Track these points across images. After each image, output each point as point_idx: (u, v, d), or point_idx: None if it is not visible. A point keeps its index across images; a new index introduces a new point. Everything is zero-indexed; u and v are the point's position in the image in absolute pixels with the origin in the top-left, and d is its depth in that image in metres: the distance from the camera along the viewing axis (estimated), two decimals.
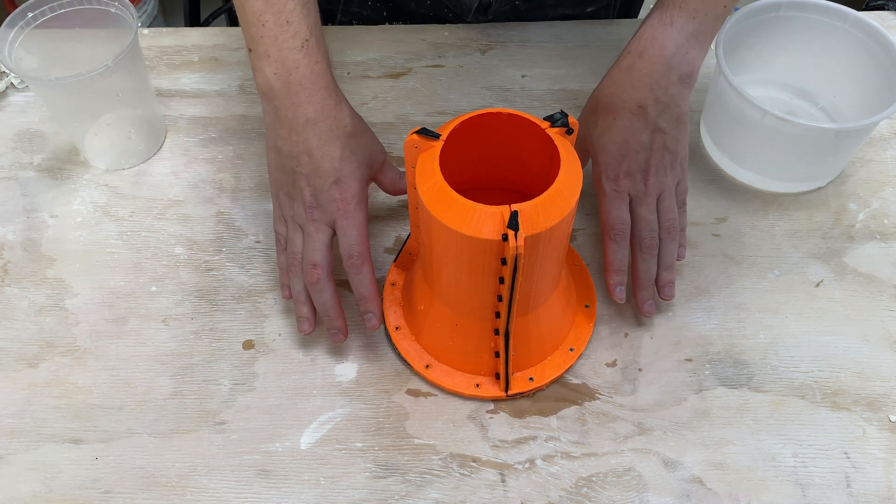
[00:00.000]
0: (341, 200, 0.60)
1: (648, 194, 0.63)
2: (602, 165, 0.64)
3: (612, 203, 0.63)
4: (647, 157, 0.63)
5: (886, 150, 0.77)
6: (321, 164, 0.60)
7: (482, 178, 0.61)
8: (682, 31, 0.62)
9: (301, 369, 0.63)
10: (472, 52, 0.85)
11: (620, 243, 0.63)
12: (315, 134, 0.60)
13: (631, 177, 0.63)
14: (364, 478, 0.58)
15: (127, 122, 0.76)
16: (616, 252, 0.63)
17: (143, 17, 1.77)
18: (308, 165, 0.60)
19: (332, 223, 0.61)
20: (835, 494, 0.58)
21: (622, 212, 0.63)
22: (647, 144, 0.63)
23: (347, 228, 0.60)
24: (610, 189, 0.63)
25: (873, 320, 0.66)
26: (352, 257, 0.60)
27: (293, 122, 0.60)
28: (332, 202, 0.60)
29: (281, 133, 0.61)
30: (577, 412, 0.61)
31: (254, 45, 0.60)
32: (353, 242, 0.60)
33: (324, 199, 0.60)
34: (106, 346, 0.65)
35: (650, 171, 0.63)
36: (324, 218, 0.60)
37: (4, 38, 0.67)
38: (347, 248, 0.60)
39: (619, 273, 0.64)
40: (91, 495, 0.58)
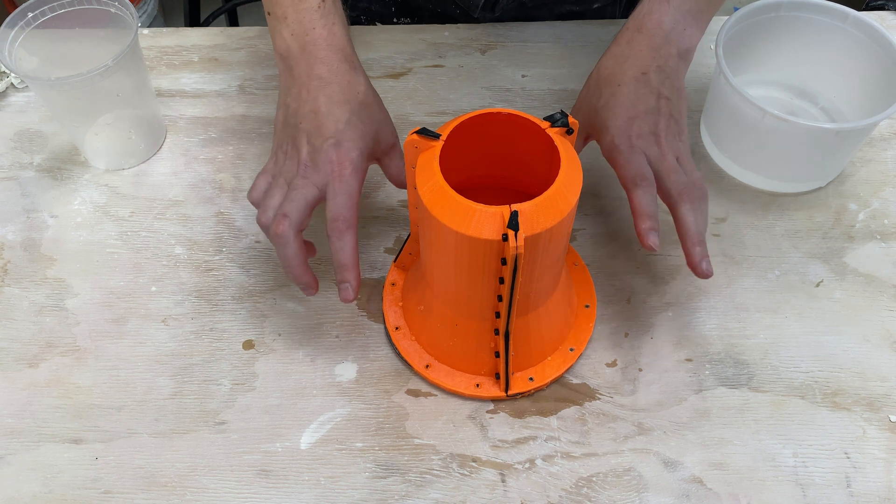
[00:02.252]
0: (337, 163, 0.57)
1: (665, 155, 0.60)
2: (614, 130, 0.61)
3: (630, 157, 0.59)
4: (656, 120, 0.61)
5: (886, 150, 0.77)
6: (325, 123, 0.58)
7: (482, 178, 0.61)
8: (679, 8, 0.63)
9: (301, 369, 0.63)
10: (472, 52, 0.85)
11: (647, 189, 0.58)
12: (325, 94, 0.59)
13: (643, 138, 0.60)
14: (364, 478, 0.58)
15: (127, 122, 0.76)
16: (643, 197, 0.58)
17: (143, 17, 1.77)
18: (312, 122, 0.58)
19: (324, 186, 0.57)
20: (835, 494, 0.58)
21: (642, 164, 0.59)
22: (655, 108, 0.61)
23: (338, 192, 0.57)
24: (626, 146, 0.60)
25: (873, 320, 0.66)
26: (337, 220, 0.56)
27: (306, 80, 0.59)
28: (328, 163, 0.57)
29: (292, 91, 0.60)
30: (577, 412, 0.61)
31: (272, 9, 0.60)
32: (341, 206, 0.56)
33: (320, 160, 0.57)
34: (106, 346, 0.65)
35: (661, 134, 0.60)
36: (315, 178, 0.57)
37: (4, 38, 0.67)
38: (334, 210, 0.56)
39: (650, 218, 0.58)
40: (91, 495, 0.58)
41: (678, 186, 0.59)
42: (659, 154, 0.60)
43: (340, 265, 0.57)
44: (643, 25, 0.63)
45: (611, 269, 0.69)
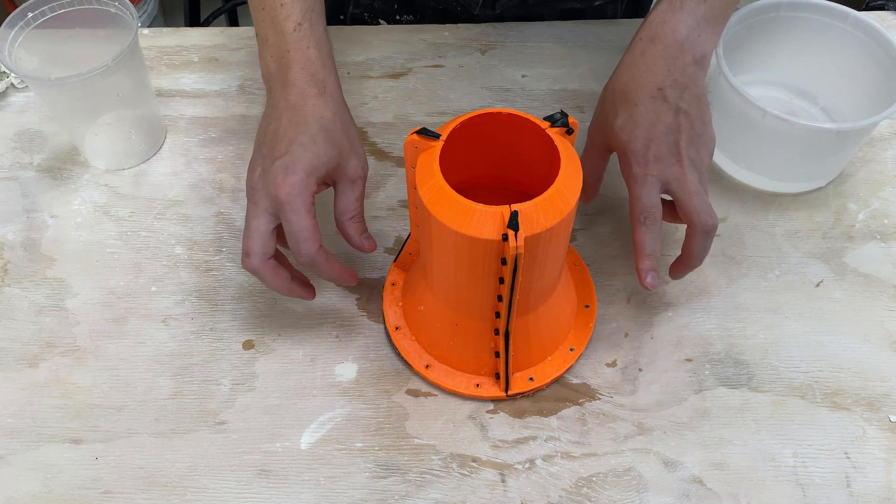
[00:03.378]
0: (283, 185, 0.56)
1: (686, 175, 0.58)
2: (630, 154, 0.60)
3: (641, 188, 0.59)
4: (676, 139, 0.59)
5: (886, 150, 0.77)
6: (278, 144, 0.58)
7: (482, 178, 0.61)
8: (693, 14, 0.61)
9: (301, 369, 0.63)
10: (472, 52, 0.85)
11: (651, 227, 0.58)
12: (287, 116, 0.59)
13: (661, 161, 0.59)
14: (364, 478, 0.58)
15: (127, 122, 0.76)
16: (646, 235, 0.58)
17: (143, 17, 1.77)
18: (268, 144, 0.59)
19: (275, 211, 0.57)
20: (835, 494, 0.58)
21: (652, 196, 0.58)
22: (674, 125, 0.60)
23: (291, 221, 0.56)
24: (640, 174, 0.59)
25: (873, 320, 0.66)
26: (300, 255, 0.57)
27: (275, 103, 0.60)
28: (274, 186, 0.56)
29: (265, 112, 0.61)
30: (577, 412, 0.61)
31: (257, 30, 0.62)
32: (298, 239, 0.56)
33: (268, 182, 0.57)
34: (106, 346, 0.65)
35: (682, 153, 0.59)
36: (264, 203, 0.57)
37: (4, 38, 0.67)
38: (294, 246, 0.57)
39: (650, 258, 0.58)
40: (91, 495, 0.58)
41: (702, 218, 0.58)
42: (680, 174, 0.59)
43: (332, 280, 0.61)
44: (656, 35, 0.62)
45: (611, 269, 0.69)
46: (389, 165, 0.76)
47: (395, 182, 0.75)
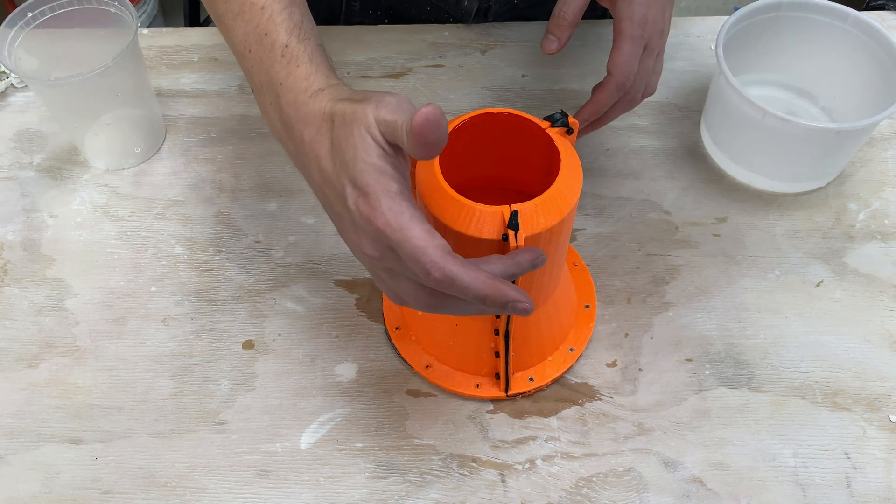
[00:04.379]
0: (373, 215, 0.44)
1: (660, 48, 0.62)
2: (634, 4, 0.61)
3: (633, 49, 0.60)
4: (664, 8, 0.62)
5: (886, 150, 0.77)
6: (330, 186, 0.47)
7: (482, 178, 0.61)
8: None
9: (301, 369, 0.63)
10: (472, 52, 0.85)
11: (616, 96, 0.62)
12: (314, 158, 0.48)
13: (653, 24, 0.61)
14: (364, 478, 0.58)
15: (127, 122, 0.76)
16: (606, 102, 0.62)
17: (143, 17, 1.77)
18: (321, 193, 0.49)
19: (386, 244, 0.45)
20: (835, 494, 0.58)
21: (635, 62, 0.61)
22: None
23: (402, 244, 0.43)
24: (637, 33, 0.60)
25: (873, 320, 0.66)
26: (428, 275, 0.43)
27: (300, 151, 0.49)
28: (364, 221, 0.45)
29: (302, 171, 0.51)
30: (578, 412, 0.61)
31: (250, 81, 0.52)
32: (418, 257, 0.43)
33: (357, 224, 0.46)
34: (106, 346, 0.65)
35: (667, 25, 0.62)
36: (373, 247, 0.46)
37: (4, 38, 0.67)
38: (419, 268, 0.43)
39: (589, 120, 0.64)
40: (91, 495, 0.58)
41: (636, 92, 0.63)
42: (657, 46, 0.63)
43: (483, 299, 0.44)
44: None
45: (611, 269, 0.69)
46: None
47: None
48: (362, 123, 0.44)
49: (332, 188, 0.47)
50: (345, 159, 0.45)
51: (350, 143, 0.45)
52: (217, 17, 0.54)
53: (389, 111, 0.44)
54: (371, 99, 0.45)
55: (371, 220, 0.44)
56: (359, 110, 0.45)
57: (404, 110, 0.44)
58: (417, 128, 0.41)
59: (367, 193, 0.44)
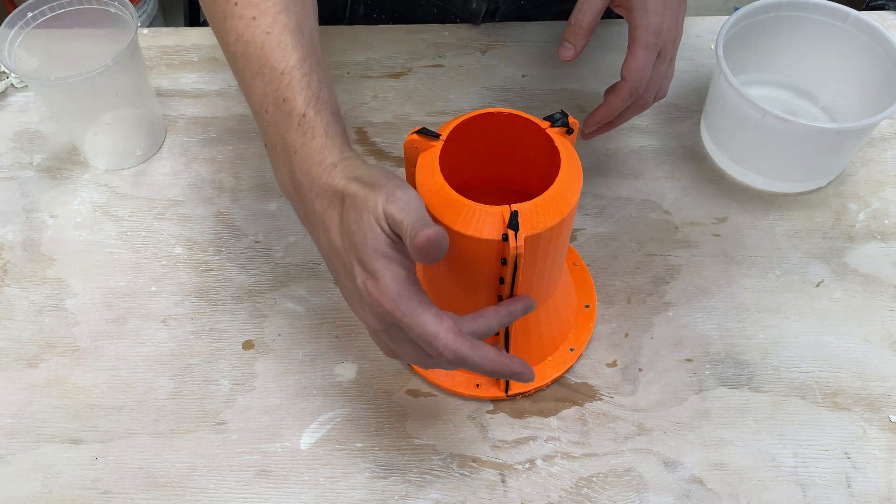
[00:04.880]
0: (380, 296, 0.47)
1: (673, 55, 0.64)
2: (649, 13, 0.62)
3: (647, 56, 0.62)
4: (678, 16, 0.63)
5: (887, 150, 0.77)
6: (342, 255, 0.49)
7: (482, 178, 0.61)
8: None
9: (301, 369, 0.63)
10: (472, 52, 0.85)
11: (629, 101, 0.64)
12: (322, 227, 0.50)
13: (667, 32, 0.63)
14: (364, 478, 0.58)
15: (127, 122, 0.76)
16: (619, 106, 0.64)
17: (143, 17, 1.77)
18: (332, 265, 0.51)
19: (392, 323, 0.48)
20: (835, 494, 0.58)
21: (649, 68, 0.63)
22: (680, 2, 0.63)
23: (411, 328, 0.46)
24: (651, 41, 0.62)
25: (873, 320, 0.66)
26: (441, 356, 0.46)
27: (310, 217, 0.51)
28: (371, 302, 0.47)
29: (310, 232, 0.52)
30: (578, 412, 0.61)
31: (265, 139, 0.53)
32: (430, 343, 0.46)
33: (364, 299, 0.48)
34: (106, 346, 0.65)
35: (680, 32, 0.64)
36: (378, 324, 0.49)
37: (4, 37, 0.67)
38: (432, 350, 0.47)
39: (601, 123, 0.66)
40: (91, 495, 0.58)
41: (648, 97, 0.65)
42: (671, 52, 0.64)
43: (491, 374, 0.49)
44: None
45: (611, 269, 0.69)
46: (389, 165, 0.76)
47: None
48: (372, 212, 0.46)
49: (341, 262, 0.49)
50: (354, 241, 0.47)
51: (360, 228, 0.46)
52: (236, 72, 0.54)
53: (398, 208, 0.45)
54: (382, 188, 0.46)
55: (380, 303, 0.46)
56: (370, 199, 0.46)
57: (413, 210, 0.45)
58: (420, 246, 0.44)
59: (377, 278, 0.46)
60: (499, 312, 0.51)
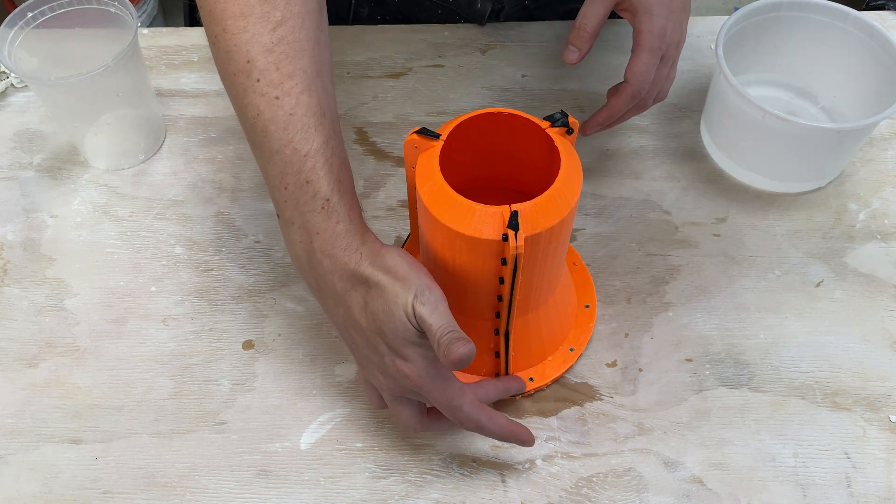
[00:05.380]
0: (408, 372, 0.51)
1: (675, 58, 0.66)
2: (654, 17, 0.64)
3: (650, 59, 0.64)
4: (681, 20, 0.65)
5: (887, 150, 0.77)
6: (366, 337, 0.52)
7: (482, 178, 0.61)
8: None
9: (301, 369, 0.63)
10: (472, 52, 0.85)
11: (631, 103, 0.65)
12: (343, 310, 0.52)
13: (671, 36, 0.64)
14: (364, 478, 0.58)
15: (127, 122, 0.76)
16: (621, 108, 0.65)
17: (143, 17, 1.77)
18: (360, 341, 0.53)
19: (418, 396, 0.53)
20: (835, 494, 0.58)
21: (651, 72, 0.64)
22: (684, 6, 0.65)
23: (438, 400, 0.52)
24: (655, 45, 0.64)
25: (873, 320, 0.66)
26: (462, 424, 0.53)
27: (327, 294, 0.53)
28: (399, 376, 0.52)
29: (322, 303, 0.54)
30: (578, 412, 0.61)
31: (280, 212, 0.53)
32: (453, 413, 0.52)
33: (390, 377, 0.52)
34: (106, 346, 0.65)
35: (683, 36, 0.65)
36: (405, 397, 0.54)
37: (4, 37, 0.67)
38: (452, 417, 0.53)
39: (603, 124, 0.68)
40: (91, 495, 0.58)
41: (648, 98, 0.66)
42: (674, 56, 0.66)
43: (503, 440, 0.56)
44: None
45: (611, 269, 0.69)
46: (389, 165, 0.76)
47: (395, 182, 0.74)
48: (402, 307, 0.49)
49: (364, 339, 0.52)
50: (382, 329, 0.50)
51: (390, 319, 0.49)
52: (252, 144, 0.53)
53: (427, 311, 0.48)
54: (411, 286, 0.49)
55: (409, 378, 0.51)
56: (401, 295, 0.49)
57: (440, 314, 0.49)
58: (453, 361, 0.47)
59: (407, 359, 0.50)
60: (497, 386, 0.59)
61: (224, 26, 0.51)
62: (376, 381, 0.54)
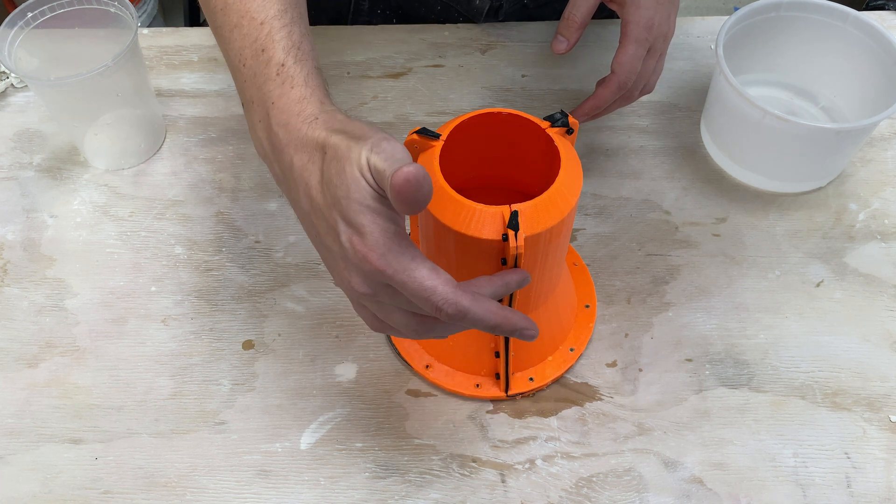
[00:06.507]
0: (368, 253, 0.43)
1: (663, 51, 0.66)
2: (641, 9, 0.64)
3: (637, 51, 0.64)
4: (669, 13, 0.65)
5: (887, 150, 0.77)
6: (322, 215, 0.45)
7: (482, 178, 0.61)
8: None
9: (301, 369, 0.63)
10: (472, 52, 0.85)
11: (618, 94, 0.65)
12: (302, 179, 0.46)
13: (658, 28, 0.65)
14: (364, 478, 0.58)
15: (127, 122, 0.76)
16: (608, 98, 0.65)
17: (143, 17, 1.77)
18: (310, 224, 0.47)
19: (383, 283, 0.45)
20: (835, 494, 0.58)
21: (638, 63, 0.64)
22: (672, 1, 0.65)
23: (406, 283, 0.43)
24: (643, 36, 0.64)
25: (873, 320, 0.66)
26: (440, 311, 0.43)
27: (288, 175, 0.47)
28: (359, 260, 0.44)
29: (287, 194, 0.49)
30: (578, 412, 0.61)
31: (241, 96, 0.50)
32: (426, 298, 0.43)
33: (349, 260, 0.45)
34: (106, 346, 0.65)
35: (672, 29, 0.66)
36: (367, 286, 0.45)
37: (4, 38, 0.67)
38: (427, 305, 0.43)
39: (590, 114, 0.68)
40: (91, 495, 0.58)
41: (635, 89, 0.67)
42: (661, 48, 0.66)
43: (494, 328, 0.45)
44: None
45: (611, 269, 0.69)
46: None
47: None
48: (355, 163, 0.43)
49: (323, 221, 0.45)
50: (336, 195, 0.43)
51: (343, 181, 0.43)
52: (215, 29, 0.53)
53: (382, 158, 0.42)
54: (367, 139, 0.43)
55: (368, 259, 0.43)
56: (354, 149, 0.43)
57: (397, 160, 0.41)
58: (397, 187, 0.40)
59: (363, 233, 0.43)
60: (494, 281, 0.47)
61: None
62: (342, 281, 0.46)
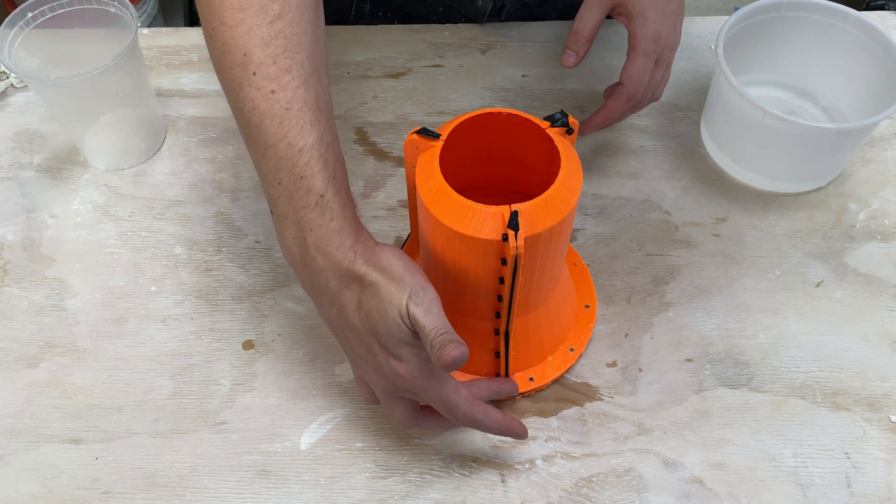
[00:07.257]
0: (402, 371, 0.51)
1: (670, 61, 0.68)
2: (648, 21, 0.65)
3: (645, 63, 0.66)
4: (675, 24, 0.67)
5: (887, 150, 0.77)
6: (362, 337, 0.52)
7: (482, 178, 0.61)
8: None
9: (301, 369, 0.63)
10: (472, 52, 0.85)
11: (627, 105, 0.67)
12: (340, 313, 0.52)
13: (665, 39, 0.66)
14: (364, 478, 0.58)
15: (127, 122, 0.76)
16: (618, 110, 0.67)
17: (143, 17, 1.77)
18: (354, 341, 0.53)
19: (414, 393, 0.53)
20: (835, 494, 0.58)
21: (646, 75, 0.66)
22: (678, 10, 0.66)
23: (432, 399, 0.52)
24: (650, 49, 0.65)
25: (873, 320, 0.66)
26: (458, 421, 0.53)
27: (321, 291, 0.52)
28: (394, 376, 0.52)
29: (315, 300, 0.54)
30: (578, 412, 0.61)
31: (273, 208, 0.52)
32: (449, 410, 0.53)
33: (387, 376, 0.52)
34: (106, 346, 0.65)
35: (677, 39, 0.67)
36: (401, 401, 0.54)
37: (4, 38, 0.67)
38: (448, 413, 0.53)
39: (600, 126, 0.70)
40: (91, 495, 0.58)
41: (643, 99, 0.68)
42: (668, 58, 0.68)
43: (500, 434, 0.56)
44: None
45: (611, 269, 0.69)
46: (389, 165, 0.76)
47: (395, 182, 0.75)
48: (396, 307, 0.49)
49: (357, 338, 0.52)
50: (376, 329, 0.50)
51: (384, 319, 0.49)
52: (248, 138, 0.53)
53: (421, 312, 0.48)
54: (406, 286, 0.49)
55: (404, 378, 0.51)
56: (395, 295, 0.49)
57: (434, 315, 0.48)
58: (443, 364, 0.47)
59: (403, 360, 0.50)
60: (491, 386, 0.59)
61: (222, 18, 0.50)
62: (369, 379, 0.54)
